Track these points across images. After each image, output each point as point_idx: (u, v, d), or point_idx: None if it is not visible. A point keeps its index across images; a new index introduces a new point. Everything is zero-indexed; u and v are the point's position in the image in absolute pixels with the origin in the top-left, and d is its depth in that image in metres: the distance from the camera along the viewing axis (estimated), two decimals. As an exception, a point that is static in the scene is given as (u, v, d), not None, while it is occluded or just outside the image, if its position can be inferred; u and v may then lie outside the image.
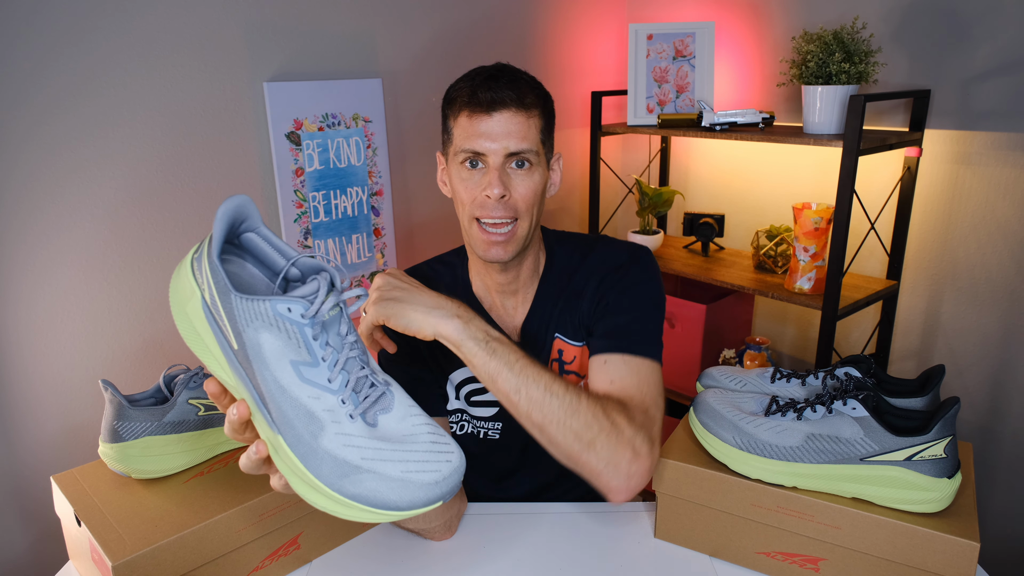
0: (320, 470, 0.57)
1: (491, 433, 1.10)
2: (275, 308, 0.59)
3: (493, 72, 0.96)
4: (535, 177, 0.97)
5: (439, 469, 0.58)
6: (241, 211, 0.64)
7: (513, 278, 1.05)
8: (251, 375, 0.60)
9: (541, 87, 1.00)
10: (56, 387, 1.33)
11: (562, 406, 0.84)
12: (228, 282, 0.60)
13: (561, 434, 0.85)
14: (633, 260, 1.05)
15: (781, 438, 0.85)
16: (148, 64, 1.35)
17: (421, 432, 0.61)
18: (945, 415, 0.80)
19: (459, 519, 1.02)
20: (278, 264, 0.66)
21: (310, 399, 0.59)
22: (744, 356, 1.87)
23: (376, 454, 0.58)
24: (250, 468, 0.65)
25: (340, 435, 0.58)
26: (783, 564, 0.89)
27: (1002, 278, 1.56)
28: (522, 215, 0.97)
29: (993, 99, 1.51)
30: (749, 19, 1.92)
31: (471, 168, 0.97)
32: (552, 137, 1.02)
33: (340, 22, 1.61)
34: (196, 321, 0.63)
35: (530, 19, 1.98)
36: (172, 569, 0.81)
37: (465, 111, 0.95)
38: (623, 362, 0.96)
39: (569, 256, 1.09)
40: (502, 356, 0.85)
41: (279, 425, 0.59)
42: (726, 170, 2.06)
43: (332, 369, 0.60)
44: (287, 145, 1.55)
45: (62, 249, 1.31)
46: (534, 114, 0.96)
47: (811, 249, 1.61)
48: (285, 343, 0.59)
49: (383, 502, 0.56)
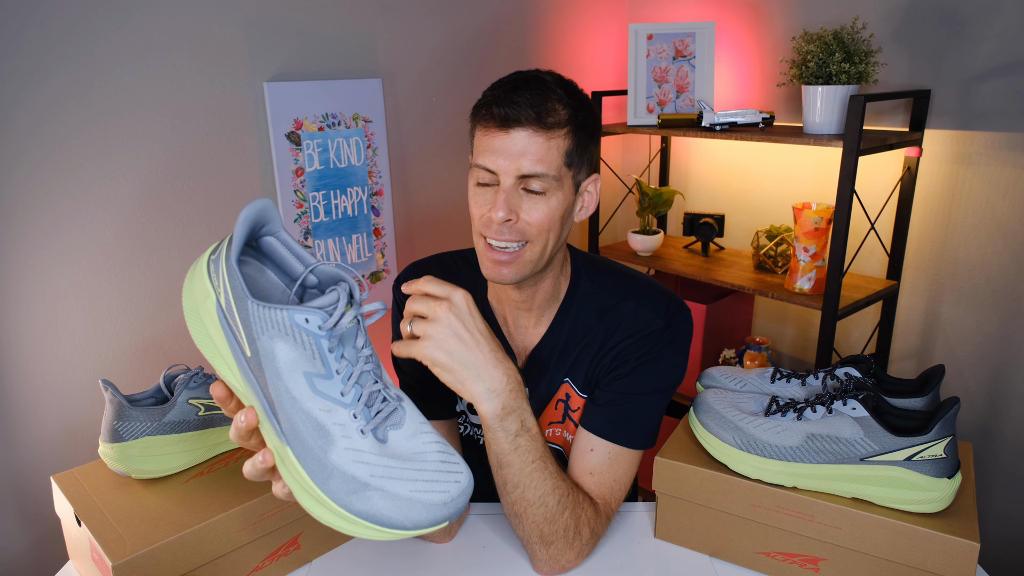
0: (328, 485, 0.56)
1: None
2: (292, 318, 0.57)
3: (518, 83, 0.87)
4: (551, 203, 0.89)
5: (448, 490, 0.58)
6: (264, 215, 0.63)
7: (528, 297, 0.99)
8: (262, 383, 0.59)
9: (578, 104, 0.90)
10: (56, 387, 1.33)
11: (544, 513, 0.87)
12: (246, 288, 0.59)
13: (528, 525, 0.88)
14: (668, 325, 0.97)
15: (781, 438, 0.85)
16: (148, 64, 1.35)
17: (431, 450, 0.60)
18: (945, 415, 0.80)
19: (460, 523, 1.02)
20: (296, 270, 0.65)
21: (321, 412, 0.58)
22: (744, 356, 1.87)
23: (386, 472, 0.57)
24: (254, 476, 0.64)
25: (350, 450, 0.57)
26: (783, 564, 0.89)
27: (1002, 278, 1.56)
28: (533, 239, 0.89)
29: (993, 99, 1.51)
30: (749, 19, 1.92)
31: (483, 185, 0.90)
32: (586, 157, 0.92)
33: (340, 22, 1.61)
34: (209, 324, 0.62)
35: (530, 19, 1.98)
36: (172, 569, 0.81)
37: (481, 124, 0.89)
38: (608, 456, 0.95)
39: (596, 292, 1.00)
40: (522, 454, 0.85)
41: (288, 436, 0.58)
42: (726, 170, 2.06)
43: (346, 383, 0.59)
44: (287, 145, 1.55)
45: (62, 249, 1.31)
46: (558, 134, 0.87)
47: (811, 249, 1.61)
48: (300, 354, 0.58)
49: (390, 521, 0.55)
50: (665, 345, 0.97)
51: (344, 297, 0.59)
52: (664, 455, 0.94)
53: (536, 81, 0.88)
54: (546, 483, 0.86)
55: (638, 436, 0.95)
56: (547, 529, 0.88)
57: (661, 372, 0.97)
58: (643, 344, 0.96)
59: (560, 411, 1.04)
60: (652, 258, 1.99)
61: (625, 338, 0.97)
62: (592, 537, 0.92)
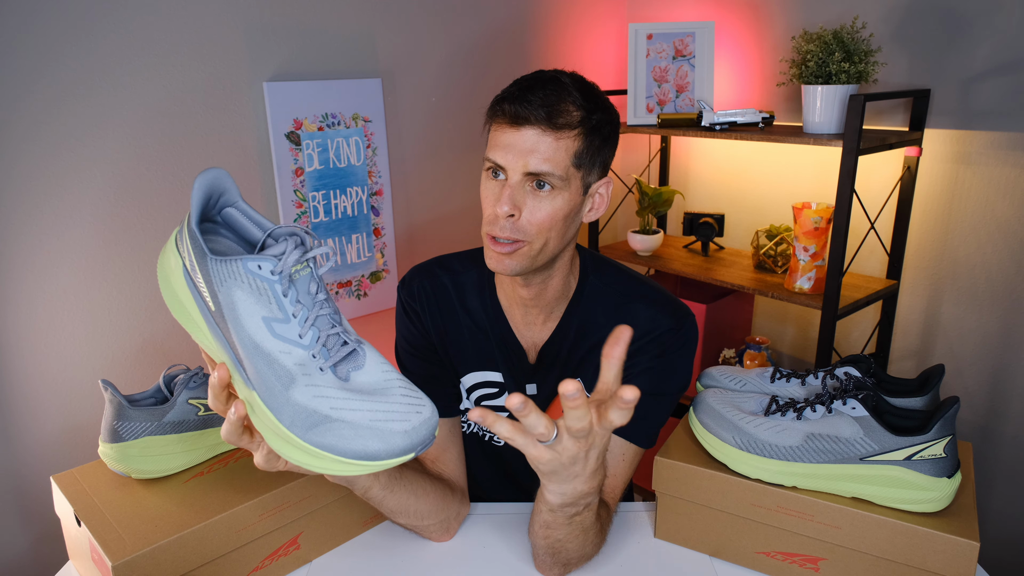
0: (290, 420, 0.59)
1: (496, 439, 1.10)
2: (246, 266, 0.61)
3: (535, 82, 0.89)
4: (556, 201, 0.89)
5: (408, 419, 0.59)
6: (217, 184, 0.67)
7: (537, 294, 0.99)
8: (227, 334, 0.62)
9: (593, 107, 0.90)
10: (56, 387, 1.33)
11: (580, 554, 0.89)
12: (205, 247, 0.62)
13: (557, 560, 0.89)
14: (679, 328, 0.98)
15: (781, 438, 0.85)
16: (148, 64, 1.35)
17: (393, 386, 0.62)
18: (945, 415, 0.80)
19: (459, 522, 1.01)
20: (256, 236, 0.69)
21: (281, 354, 0.60)
22: (744, 356, 1.87)
23: (345, 403, 0.59)
24: (231, 434, 0.67)
25: (310, 387, 0.59)
26: (783, 564, 0.89)
27: (1002, 278, 1.56)
28: (532, 238, 0.90)
29: (993, 99, 1.51)
30: (749, 19, 1.92)
31: (493, 178, 0.91)
32: (599, 159, 0.93)
33: (340, 22, 1.61)
34: (179, 290, 0.65)
35: (530, 19, 1.98)
36: (172, 569, 0.81)
37: (495, 120, 0.90)
38: (622, 455, 0.97)
39: (605, 291, 1.02)
40: (574, 527, 0.84)
41: (254, 382, 0.61)
42: (726, 170, 2.06)
43: (303, 325, 0.62)
44: (287, 145, 1.55)
45: (62, 249, 1.31)
46: (567, 135, 0.87)
47: (811, 249, 1.61)
48: (257, 299, 0.61)
49: (352, 450, 0.57)
50: (677, 348, 0.98)
51: (292, 244, 0.63)
52: (664, 455, 0.94)
53: (553, 82, 0.89)
54: (589, 543, 0.88)
55: (648, 436, 0.97)
56: (575, 559, 0.90)
57: (672, 375, 0.98)
58: (655, 346, 0.98)
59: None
60: (652, 258, 1.99)
61: (636, 340, 0.97)
62: (604, 543, 0.95)
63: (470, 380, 1.07)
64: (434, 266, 1.09)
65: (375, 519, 1.03)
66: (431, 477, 0.98)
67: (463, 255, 1.10)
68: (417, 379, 1.04)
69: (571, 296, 1.03)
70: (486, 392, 1.07)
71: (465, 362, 1.05)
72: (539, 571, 0.93)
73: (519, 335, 1.04)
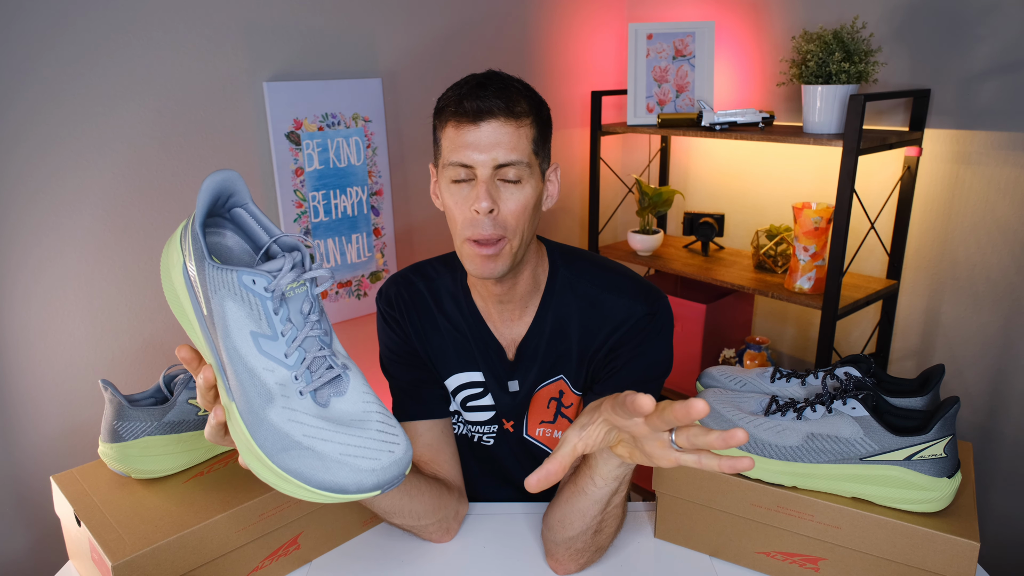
0: (263, 440, 0.59)
1: (485, 439, 1.10)
2: (240, 279, 0.61)
3: (481, 80, 0.92)
4: (526, 191, 0.92)
5: (378, 458, 0.58)
6: (227, 185, 0.67)
7: (508, 290, 1.00)
8: (215, 341, 0.63)
9: (535, 95, 0.95)
10: (56, 387, 1.33)
11: (614, 528, 0.93)
12: (205, 250, 0.63)
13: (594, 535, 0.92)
14: (654, 314, 0.99)
15: (781, 438, 0.85)
16: (148, 63, 1.35)
17: (371, 419, 0.62)
18: (945, 415, 0.80)
19: (458, 522, 1.01)
20: (262, 240, 0.69)
21: (264, 371, 0.61)
22: (744, 356, 1.87)
23: (317, 433, 0.59)
24: (212, 435, 0.68)
25: (287, 409, 0.59)
26: (783, 564, 0.89)
27: (1002, 278, 1.56)
28: (512, 233, 0.92)
29: (993, 98, 1.51)
30: (749, 19, 1.92)
31: (460, 182, 0.91)
32: (547, 147, 0.97)
33: (340, 22, 1.61)
34: (178, 286, 0.66)
35: (530, 19, 1.98)
36: (172, 569, 0.81)
37: (452, 121, 0.91)
38: None
39: (576, 282, 1.03)
40: (620, 494, 0.87)
41: (234, 392, 0.61)
42: (726, 170, 2.06)
43: (290, 344, 0.62)
44: (287, 145, 1.55)
45: (61, 249, 1.31)
46: (525, 123, 0.91)
47: (811, 249, 1.61)
48: (248, 313, 0.61)
49: (319, 481, 0.57)
50: (655, 335, 1.00)
51: (290, 262, 0.63)
52: (664, 455, 0.94)
53: (495, 77, 0.93)
54: (621, 520, 0.93)
55: None
56: (609, 537, 0.93)
57: (654, 361, 1.00)
58: (633, 336, 0.99)
59: (552, 410, 1.05)
60: (652, 258, 1.99)
61: (614, 332, 0.99)
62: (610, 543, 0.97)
63: (454, 382, 1.07)
64: (409, 273, 1.09)
65: (375, 519, 1.03)
66: (426, 477, 0.98)
67: (436, 260, 1.11)
68: (405, 385, 1.05)
69: (543, 290, 1.04)
70: (471, 393, 1.07)
71: (447, 365, 1.06)
72: (557, 569, 0.93)
73: (497, 333, 1.05)
